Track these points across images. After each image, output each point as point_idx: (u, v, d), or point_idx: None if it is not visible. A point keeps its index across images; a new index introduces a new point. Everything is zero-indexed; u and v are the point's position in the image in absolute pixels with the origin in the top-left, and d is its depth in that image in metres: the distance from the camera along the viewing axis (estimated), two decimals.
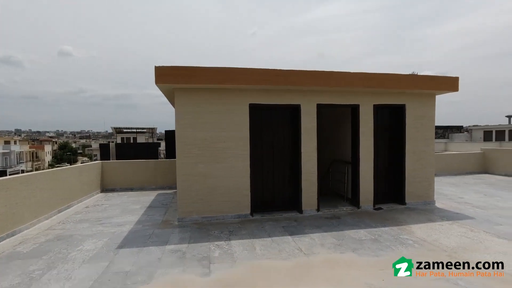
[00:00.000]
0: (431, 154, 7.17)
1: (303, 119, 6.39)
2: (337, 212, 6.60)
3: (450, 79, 6.74)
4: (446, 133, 35.56)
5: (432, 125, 7.15)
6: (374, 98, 6.74)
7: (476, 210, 6.62)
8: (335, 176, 8.00)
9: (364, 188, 6.79)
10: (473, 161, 12.21)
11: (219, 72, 5.71)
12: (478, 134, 31.24)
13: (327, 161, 8.14)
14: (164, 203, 7.88)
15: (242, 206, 6.20)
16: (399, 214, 6.35)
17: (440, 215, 6.28)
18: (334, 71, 6.09)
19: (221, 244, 4.78)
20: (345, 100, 6.61)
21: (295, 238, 5.00)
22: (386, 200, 7.09)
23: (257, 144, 6.37)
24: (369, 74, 6.32)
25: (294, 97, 6.33)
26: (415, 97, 6.95)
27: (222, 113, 6.06)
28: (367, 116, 6.71)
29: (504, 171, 11.40)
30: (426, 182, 7.14)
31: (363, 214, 6.40)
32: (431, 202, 7.15)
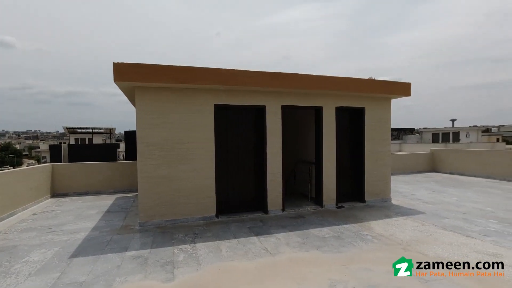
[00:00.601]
0: (387, 154, 7.62)
1: (268, 120, 6.45)
2: (302, 211, 6.74)
3: (403, 85, 7.23)
4: (400, 135, 38.28)
5: (388, 127, 7.62)
6: (336, 100, 7.01)
7: (426, 205, 7.15)
8: (299, 176, 8.19)
9: (327, 188, 7.02)
10: (423, 161, 13.23)
11: (183, 71, 5.56)
12: (427, 136, 34.02)
13: (292, 162, 8.31)
14: (123, 207, 7.47)
15: (208, 208, 6.09)
16: (359, 212, 6.66)
17: (396, 211, 6.69)
18: (299, 73, 6.24)
19: (186, 248, 4.63)
20: (309, 102, 6.79)
21: (261, 239, 5.00)
22: (348, 199, 7.40)
23: (222, 145, 6.30)
24: (332, 78, 6.56)
25: (259, 98, 6.37)
26: (373, 101, 7.35)
27: (186, 113, 5.91)
28: (329, 118, 6.97)
29: (449, 170, 12.50)
30: (383, 181, 7.57)
31: (326, 213, 6.60)
32: (388, 200, 7.60)
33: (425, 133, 34.65)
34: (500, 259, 4.09)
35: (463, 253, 4.32)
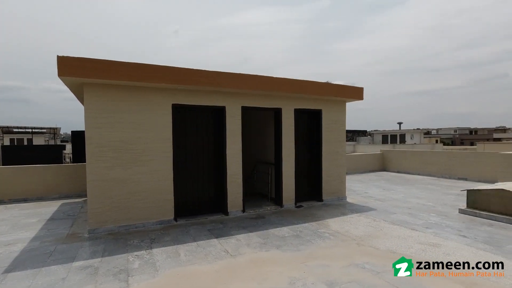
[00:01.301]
0: (343, 155, 8.01)
1: (228, 121, 6.39)
2: (262, 212, 6.79)
3: (357, 89, 7.66)
4: (354, 136, 40.68)
5: (344, 128, 8.01)
6: (295, 102, 7.19)
7: (377, 202, 7.64)
8: (259, 177, 8.24)
9: (286, 188, 7.15)
10: (375, 161, 14.15)
11: (139, 68, 5.28)
12: (378, 138, 36.61)
13: (252, 162, 8.34)
14: (70, 214, 6.87)
15: (165, 211, 5.84)
16: (317, 210, 6.88)
17: (351, 208, 7.04)
18: (258, 75, 6.29)
19: (142, 254, 4.39)
20: (268, 103, 6.87)
21: (221, 241, 4.92)
22: (306, 198, 7.61)
23: (181, 146, 6.10)
24: (291, 80, 6.72)
25: (219, 99, 6.29)
26: (330, 103, 7.67)
27: (142, 112, 5.62)
28: (288, 120, 7.12)
29: (397, 169, 13.52)
30: (339, 180, 7.93)
31: (286, 213, 6.72)
32: (343, 198, 7.97)
33: (376, 135, 37.26)
34: (439, 248, 4.50)
35: (408, 244, 4.67)
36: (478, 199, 6.33)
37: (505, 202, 5.88)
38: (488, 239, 4.89)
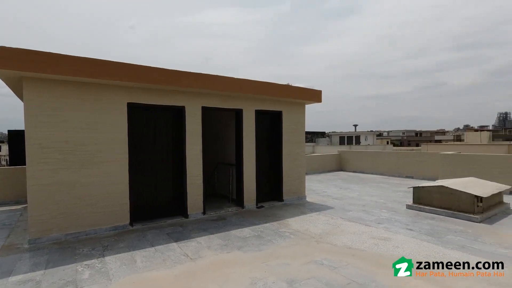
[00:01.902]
0: (303, 155, 8.23)
1: (188, 121, 6.23)
2: (223, 213, 6.71)
3: (316, 92, 7.93)
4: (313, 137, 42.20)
5: (303, 130, 8.24)
6: (256, 104, 7.24)
7: (334, 201, 7.97)
8: (220, 178, 8.15)
9: (247, 189, 7.16)
10: (332, 161, 14.77)
11: (90, 63, 4.92)
12: (335, 139, 38.40)
13: (213, 164, 8.22)
14: (6, 223, 6.18)
15: (120, 216, 5.51)
16: (278, 210, 6.98)
17: (310, 207, 7.26)
18: (219, 75, 6.23)
19: (93, 263, 4.08)
20: (229, 104, 6.83)
21: (180, 244, 4.77)
22: (267, 198, 7.69)
23: (138, 147, 5.81)
24: (252, 81, 6.75)
25: (178, 99, 6.11)
26: (290, 105, 7.84)
27: (93, 111, 5.25)
28: (249, 121, 7.14)
29: (353, 169, 14.26)
30: (299, 180, 8.13)
31: (247, 213, 6.72)
32: (303, 197, 8.19)
33: (333, 136, 39.05)
34: (389, 241, 4.81)
35: (362, 240, 4.93)
36: (422, 195, 6.90)
37: (444, 197, 6.48)
38: (430, 231, 5.35)
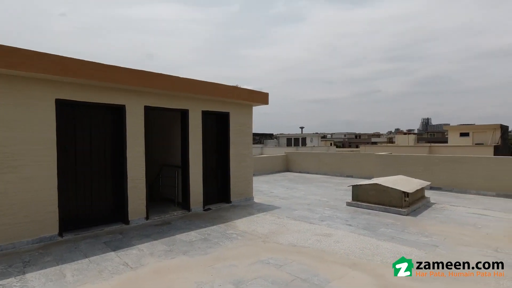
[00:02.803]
0: (250, 156, 8.31)
1: (128, 121, 5.83)
2: (168, 217, 6.44)
3: (263, 94, 8.07)
4: (261, 139, 42.99)
5: (250, 131, 8.32)
6: (203, 104, 7.10)
7: (281, 201, 8.19)
8: (165, 181, 7.81)
9: (194, 191, 6.97)
10: (279, 162, 15.20)
11: (9, 52, 4.31)
12: (283, 141, 39.69)
13: (157, 166, 7.85)
14: None
15: (47, 225, 4.92)
16: (226, 212, 6.94)
17: (257, 208, 7.35)
18: (164, 74, 5.97)
19: (10, 283, 3.56)
20: (174, 104, 6.59)
21: (120, 253, 4.43)
22: (215, 201, 7.58)
23: (69, 148, 5.27)
24: (199, 81, 6.60)
25: (118, 96, 5.70)
26: (238, 107, 7.87)
27: (12, 107, 4.61)
28: (196, 121, 6.97)
29: (299, 169, 14.85)
30: (247, 181, 8.19)
31: (193, 217, 6.55)
32: (251, 198, 8.26)
33: (281, 138, 40.32)
34: (331, 237, 5.10)
35: (307, 237, 5.14)
36: (359, 193, 7.46)
37: (378, 194, 7.10)
38: (366, 225, 5.81)
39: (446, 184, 9.63)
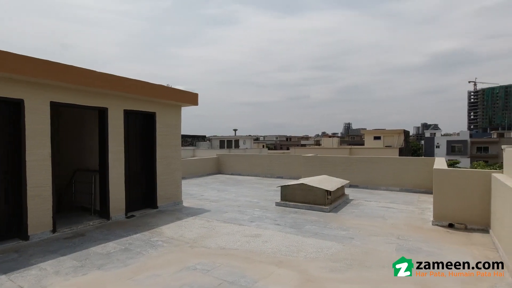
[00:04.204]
0: (178, 159, 7.94)
1: (28, 119, 4.95)
2: (82, 228, 5.70)
3: (192, 95, 7.81)
4: (193, 141, 41.92)
5: (179, 133, 7.97)
6: (125, 103, 6.51)
7: (211, 203, 8.03)
8: (80, 188, 6.93)
9: (114, 197, 6.32)
10: (211, 164, 14.98)
11: None
12: (216, 143, 39.41)
13: (71, 170, 6.93)
14: None
15: None
16: (151, 218, 6.48)
17: (186, 212, 7.06)
18: (75, 66, 5.26)
19: None
20: (91, 101, 5.88)
21: (13, 276, 3.72)
22: (140, 206, 7.02)
23: None
24: (120, 78, 6.03)
25: (14, 89, 4.80)
26: (165, 107, 7.44)
27: None
28: (117, 121, 6.35)
29: (231, 171, 14.85)
30: (175, 185, 7.81)
31: (113, 225, 5.94)
32: (180, 202, 7.90)
33: (214, 140, 39.99)
34: (259, 237, 5.17)
35: (236, 239, 5.11)
36: (287, 192, 7.78)
37: (304, 193, 7.50)
38: (293, 223, 6.06)
39: (362, 181, 10.72)
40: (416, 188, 9.72)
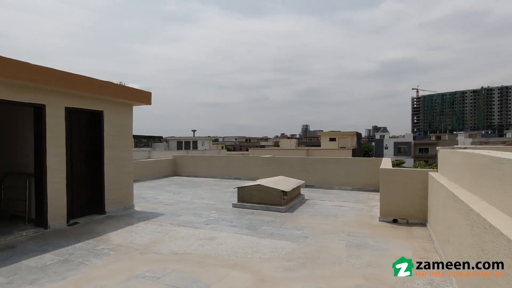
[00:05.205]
0: (130, 161, 7.49)
1: None
2: (13, 240, 5.07)
3: (144, 93, 7.42)
4: (149, 142, 40.12)
5: (130, 133, 7.52)
6: (67, 100, 5.95)
7: (166, 207, 7.71)
8: (11, 193, 6.15)
9: (54, 204, 5.73)
10: (167, 166, 14.43)
11: None
12: (173, 144, 38.16)
13: None
14: None
15: None
16: (98, 225, 6.01)
17: (138, 217, 6.67)
18: (7, 57, 4.69)
19: None
20: (24, 97, 5.25)
21: None
22: (85, 212, 6.48)
23: None
24: (58, 72, 5.47)
25: None
26: (114, 105, 6.97)
27: None
28: (57, 120, 5.77)
29: (187, 173, 14.44)
30: (126, 188, 7.34)
31: (52, 235, 5.39)
32: (131, 207, 7.45)
33: (171, 141, 38.72)
34: (214, 240, 5.06)
35: (190, 243, 4.94)
36: (244, 194, 7.75)
37: (261, 194, 7.53)
38: (249, 225, 6.04)
39: (317, 181, 11.11)
40: (366, 187, 10.32)
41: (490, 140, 51.48)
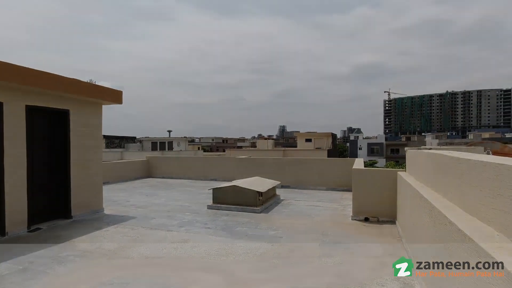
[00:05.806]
0: (99, 162, 7.16)
1: None
2: None
3: (114, 92, 7.11)
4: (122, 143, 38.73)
5: (100, 134, 7.20)
6: (28, 97, 5.57)
7: (138, 210, 7.44)
8: None
9: (13, 209, 5.32)
10: (140, 168, 13.98)
11: None
12: (147, 145, 37.11)
13: None
14: None
15: None
16: (63, 231, 5.68)
17: (107, 221, 6.39)
18: None
19: None
20: None
21: None
22: (49, 217, 6.10)
23: None
24: (19, 67, 5.10)
25: None
26: (81, 104, 6.62)
27: None
28: (16, 119, 5.38)
29: (162, 174, 14.08)
30: (94, 191, 7.00)
31: (10, 242, 5.02)
32: (100, 210, 7.12)
33: (145, 141, 37.65)
34: (188, 243, 4.94)
35: (162, 246, 4.80)
36: (219, 195, 7.66)
37: (236, 195, 7.47)
38: (224, 226, 5.96)
39: (293, 182, 11.21)
40: (340, 187, 10.55)
41: (455, 141, 54.68)
